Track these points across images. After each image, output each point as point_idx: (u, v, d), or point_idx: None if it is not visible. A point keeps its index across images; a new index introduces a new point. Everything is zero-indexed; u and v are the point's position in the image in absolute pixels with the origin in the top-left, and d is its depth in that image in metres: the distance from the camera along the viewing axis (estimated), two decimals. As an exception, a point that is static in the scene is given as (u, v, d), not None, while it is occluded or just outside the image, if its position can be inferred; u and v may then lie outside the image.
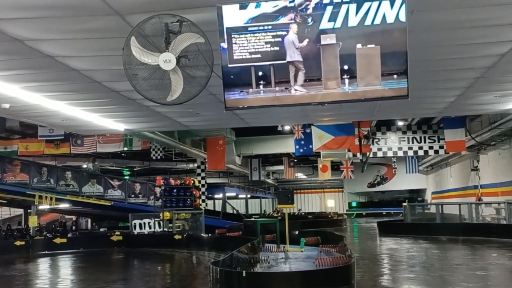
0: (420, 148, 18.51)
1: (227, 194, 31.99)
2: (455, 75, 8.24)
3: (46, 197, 17.76)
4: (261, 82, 5.30)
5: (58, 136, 18.76)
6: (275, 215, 32.63)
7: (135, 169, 29.94)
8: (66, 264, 13.97)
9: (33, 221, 17.86)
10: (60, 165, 22.32)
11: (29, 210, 19.33)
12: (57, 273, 12.46)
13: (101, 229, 24.47)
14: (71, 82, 7.97)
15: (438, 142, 18.21)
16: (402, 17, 4.77)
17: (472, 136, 18.33)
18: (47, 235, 18.58)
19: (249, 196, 38.59)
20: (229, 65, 5.21)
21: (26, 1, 4.86)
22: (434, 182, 35.17)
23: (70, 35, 5.84)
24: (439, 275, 9.59)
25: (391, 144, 18.51)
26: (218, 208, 31.44)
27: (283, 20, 4.94)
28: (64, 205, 19.85)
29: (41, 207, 19.03)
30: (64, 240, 16.66)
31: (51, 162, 22.70)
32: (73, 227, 24.40)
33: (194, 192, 19.32)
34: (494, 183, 20.71)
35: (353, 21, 4.84)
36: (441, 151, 18.64)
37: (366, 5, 4.75)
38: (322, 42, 5.01)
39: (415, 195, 40.88)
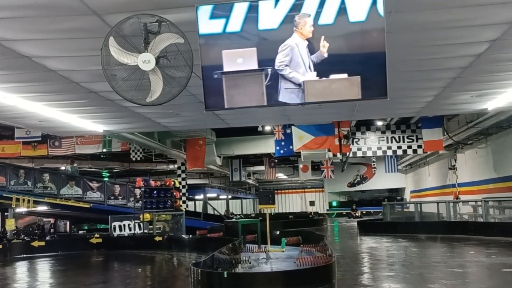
0: (399, 147, 18.70)
1: (208, 195, 31.93)
2: (433, 75, 8.35)
3: (24, 199, 17.49)
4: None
5: (36, 138, 18.51)
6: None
7: (114, 170, 29.64)
8: (44, 268, 13.77)
9: (10, 224, 17.56)
10: (38, 167, 22.00)
11: (6, 213, 19.00)
12: (35, 277, 12.27)
13: (80, 232, 24.18)
14: (48, 83, 7.85)
15: (417, 141, 18.41)
16: (380, 18, 4.80)
17: (450, 136, 18.59)
18: (25, 238, 18.29)
19: (230, 196, 38.56)
20: (209, 66, 5.18)
21: (1, 1, 4.77)
22: (413, 181, 35.58)
23: (47, 35, 5.75)
24: (418, 273, 9.72)
25: (370, 144, 18.67)
26: (199, 209, 31.36)
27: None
28: (42, 208, 19.57)
29: (18, 210, 18.72)
30: (42, 243, 16.41)
31: (28, 164, 22.38)
32: (52, 230, 24.05)
33: (174, 193, 19.24)
34: (471, 181, 21.06)
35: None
36: (420, 151, 18.86)
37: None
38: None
39: (395, 194, 41.36)
